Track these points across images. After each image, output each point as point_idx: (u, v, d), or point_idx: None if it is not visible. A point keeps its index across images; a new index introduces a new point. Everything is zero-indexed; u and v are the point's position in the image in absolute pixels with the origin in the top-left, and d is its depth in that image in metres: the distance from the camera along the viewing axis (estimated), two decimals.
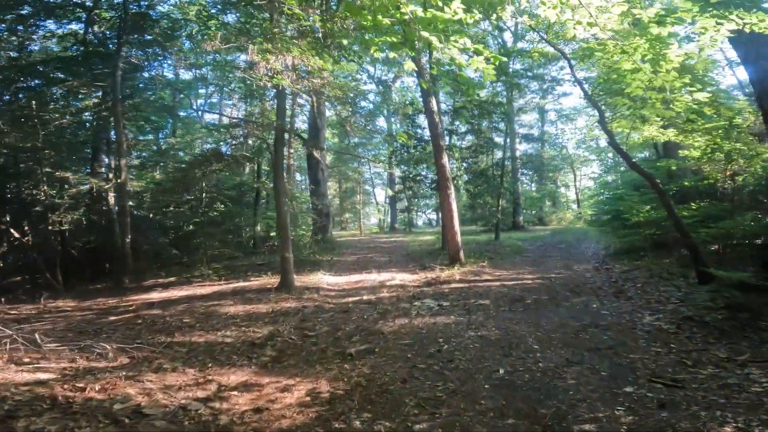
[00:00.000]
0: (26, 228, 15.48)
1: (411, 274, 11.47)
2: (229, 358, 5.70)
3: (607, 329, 6.25)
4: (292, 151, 12.01)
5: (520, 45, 22.29)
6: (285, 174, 12.01)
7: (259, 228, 22.74)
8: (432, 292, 9.18)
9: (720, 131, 9.34)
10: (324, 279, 11.48)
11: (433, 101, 12.21)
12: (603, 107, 11.62)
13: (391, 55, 5.45)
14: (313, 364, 5.41)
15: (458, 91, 13.61)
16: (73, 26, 17.40)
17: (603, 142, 40.65)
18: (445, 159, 11.93)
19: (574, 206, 38.78)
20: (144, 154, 21.08)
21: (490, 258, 13.36)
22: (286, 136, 13.11)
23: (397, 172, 18.30)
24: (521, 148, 24.12)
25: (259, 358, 5.67)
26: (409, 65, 7.10)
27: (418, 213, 41.10)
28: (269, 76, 7.50)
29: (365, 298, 8.97)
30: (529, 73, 19.40)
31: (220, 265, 15.73)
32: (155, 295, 11.06)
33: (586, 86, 14.06)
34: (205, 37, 9.87)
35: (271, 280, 11.10)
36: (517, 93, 28.05)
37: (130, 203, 19.51)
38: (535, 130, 30.46)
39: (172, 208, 18.88)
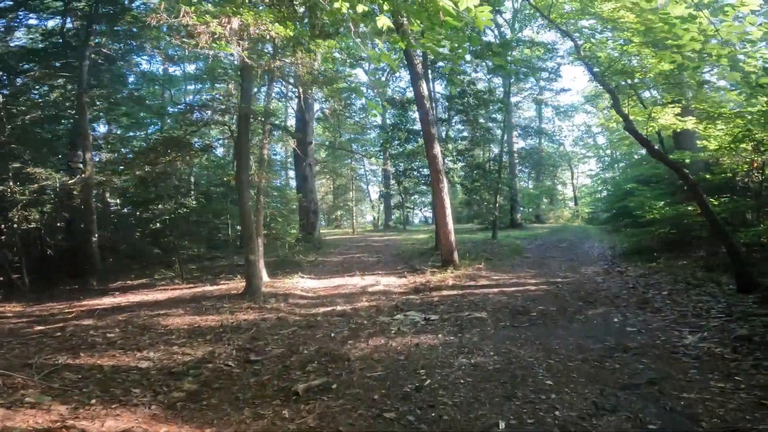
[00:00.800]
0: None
1: (398, 278, 9.89)
2: (127, 392, 4.10)
3: (640, 354, 4.65)
4: (266, 141, 10.49)
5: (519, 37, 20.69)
6: (257, 165, 10.41)
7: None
8: (419, 301, 7.58)
9: (756, 116, 7.77)
10: (300, 283, 9.89)
11: (423, 85, 10.62)
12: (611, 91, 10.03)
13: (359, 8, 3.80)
14: (240, 407, 3.82)
15: (443, 58, 12.05)
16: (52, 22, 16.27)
17: (601, 139, 39.15)
18: (437, 149, 10.33)
19: (571, 204, 37.26)
20: (125, 149, 19.58)
21: (487, 259, 11.76)
22: (269, 127, 11.58)
23: (391, 168, 16.81)
24: (519, 143, 22.53)
25: (170, 393, 4.08)
26: (384, 21, 5.31)
27: (414, 210, 39.60)
28: (211, 42, 5.90)
29: (339, 308, 7.39)
30: (525, 69, 17.79)
31: (196, 266, 14.17)
32: (107, 301, 9.47)
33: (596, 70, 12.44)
34: (148, 10, 8.27)
35: (239, 285, 9.51)
36: (515, 87, 26.54)
37: (117, 201, 18.04)
38: (534, 125, 28.79)
39: (158, 206, 17.47)
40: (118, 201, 17.75)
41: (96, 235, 13.71)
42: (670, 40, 5.00)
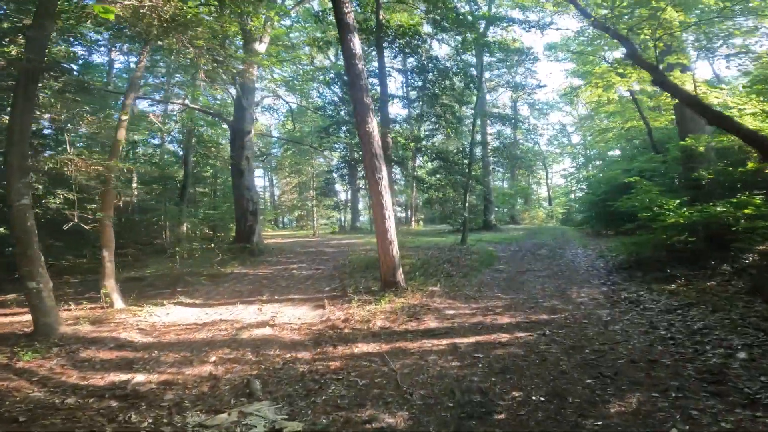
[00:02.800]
0: None
1: (311, 310, 6.37)
2: None
3: None
4: (125, 118, 7.11)
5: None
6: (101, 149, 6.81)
7: (185, 228, 17.45)
8: (305, 370, 4.08)
9: None
10: (156, 316, 6.33)
11: (355, 41, 7.11)
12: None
13: None
14: None
15: None
16: None
17: (576, 138, 36.35)
18: (373, 125, 6.84)
19: (546, 204, 34.28)
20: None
21: (447, 275, 8.33)
22: (131, 101, 8.04)
23: (333, 160, 13.39)
24: (492, 132, 19.15)
25: None
26: None
27: None
28: None
29: (141, 379, 3.84)
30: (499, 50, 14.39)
31: (79, 280, 10.42)
32: None
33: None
34: None
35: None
36: (489, 73, 23.17)
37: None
38: (508, 111, 25.36)
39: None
40: None
41: None
42: None
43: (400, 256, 10.46)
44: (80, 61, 11.27)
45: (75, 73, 9.11)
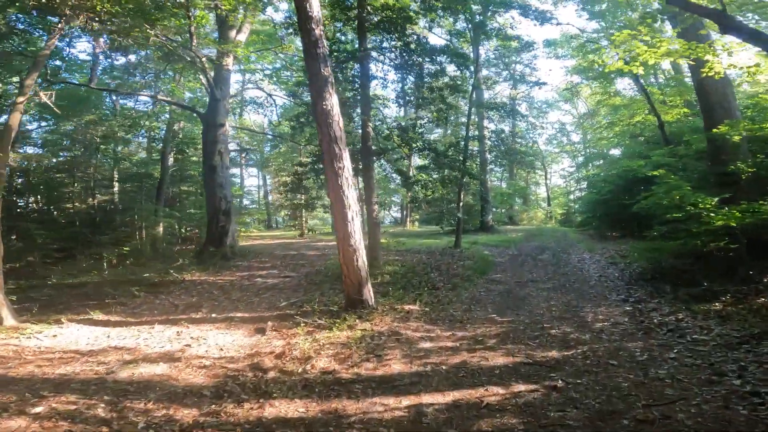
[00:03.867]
0: None
1: (248, 335, 4.73)
2: None
3: None
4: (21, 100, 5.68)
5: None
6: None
7: (161, 229, 15.88)
8: None
9: None
10: (38, 336, 4.71)
11: (312, 1, 5.43)
12: None
13: None
14: None
15: None
16: None
17: (575, 137, 34.53)
18: (332, 101, 5.19)
19: (545, 205, 32.53)
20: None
21: (431, 289, 6.68)
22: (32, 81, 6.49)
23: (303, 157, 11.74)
24: (490, 127, 17.43)
25: None
26: None
27: (383, 210, 34.36)
28: None
29: None
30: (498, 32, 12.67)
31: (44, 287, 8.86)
32: None
33: None
34: None
35: None
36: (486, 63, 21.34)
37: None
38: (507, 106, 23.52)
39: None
40: None
41: None
42: None
43: (383, 262, 8.90)
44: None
45: None
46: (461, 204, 12.53)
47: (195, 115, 13.77)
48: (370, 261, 8.77)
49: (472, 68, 12.27)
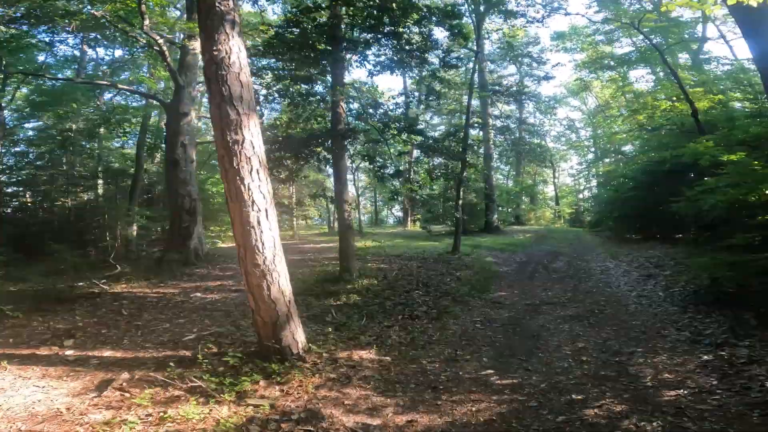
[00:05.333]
0: None
1: (77, 394, 2.77)
2: None
3: None
4: None
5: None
6: None
7: (135, 230, 14.06)
8: None
9: None
10: None
11: None
12: None
13: None
14: None
15: None
16: None
17: (584, 134, 31.91)
18: (230, 46, 3.19)
19: (552, 204, 30.11)
20: None
21: (409, 318, 4.65)
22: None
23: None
24: (494, 112, 15.20)
25: None
26: None
27: (387, 208, 32.14)
28: None
29: None
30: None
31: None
32: None
33: None
34: None
35: None
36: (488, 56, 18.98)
37: None
38: (513, 108, 21.14)
39: None
40: None
41: None
42: None
43: (358, 274, 6.72)
44: None
45: None
46: (460, 202, 10.47)
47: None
48: (340, 273, 6.87)
49: (472, 45, 10.21)
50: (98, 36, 11.68)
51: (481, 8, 10.23)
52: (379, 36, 6.41)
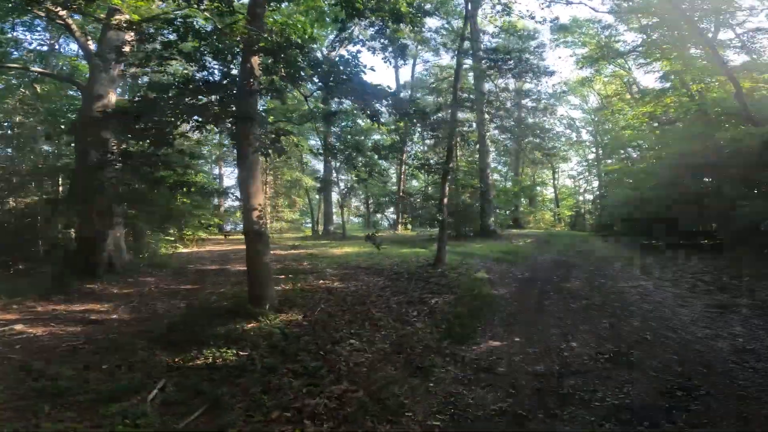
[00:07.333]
0: None
1: None
2: None
3: None
4: None
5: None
6: None
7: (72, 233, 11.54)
8: None
9: None
10: None
11: None
12: None
13: None
14: None
15: None
16: None
17: (585, 134, 29.23)
18: None
19: (551, 206, 27.54)
20: None
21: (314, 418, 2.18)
22: None
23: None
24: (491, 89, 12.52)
25: None
26: None
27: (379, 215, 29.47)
28: None
29: None
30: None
31: None
32: None
33: None
34: None
35: None
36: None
37: None
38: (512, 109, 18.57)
39: None
40: None
41: None
42: None
43: (281, 300, 3.62)
44: None
45: None
46: (445, 201, 7.94)
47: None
48: (249, 297, 4.37)
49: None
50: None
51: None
52: None
